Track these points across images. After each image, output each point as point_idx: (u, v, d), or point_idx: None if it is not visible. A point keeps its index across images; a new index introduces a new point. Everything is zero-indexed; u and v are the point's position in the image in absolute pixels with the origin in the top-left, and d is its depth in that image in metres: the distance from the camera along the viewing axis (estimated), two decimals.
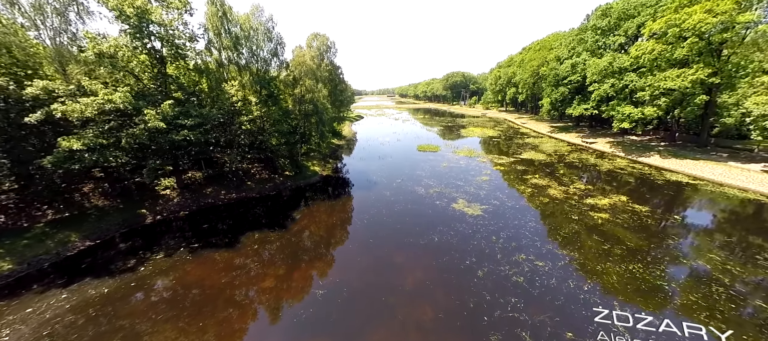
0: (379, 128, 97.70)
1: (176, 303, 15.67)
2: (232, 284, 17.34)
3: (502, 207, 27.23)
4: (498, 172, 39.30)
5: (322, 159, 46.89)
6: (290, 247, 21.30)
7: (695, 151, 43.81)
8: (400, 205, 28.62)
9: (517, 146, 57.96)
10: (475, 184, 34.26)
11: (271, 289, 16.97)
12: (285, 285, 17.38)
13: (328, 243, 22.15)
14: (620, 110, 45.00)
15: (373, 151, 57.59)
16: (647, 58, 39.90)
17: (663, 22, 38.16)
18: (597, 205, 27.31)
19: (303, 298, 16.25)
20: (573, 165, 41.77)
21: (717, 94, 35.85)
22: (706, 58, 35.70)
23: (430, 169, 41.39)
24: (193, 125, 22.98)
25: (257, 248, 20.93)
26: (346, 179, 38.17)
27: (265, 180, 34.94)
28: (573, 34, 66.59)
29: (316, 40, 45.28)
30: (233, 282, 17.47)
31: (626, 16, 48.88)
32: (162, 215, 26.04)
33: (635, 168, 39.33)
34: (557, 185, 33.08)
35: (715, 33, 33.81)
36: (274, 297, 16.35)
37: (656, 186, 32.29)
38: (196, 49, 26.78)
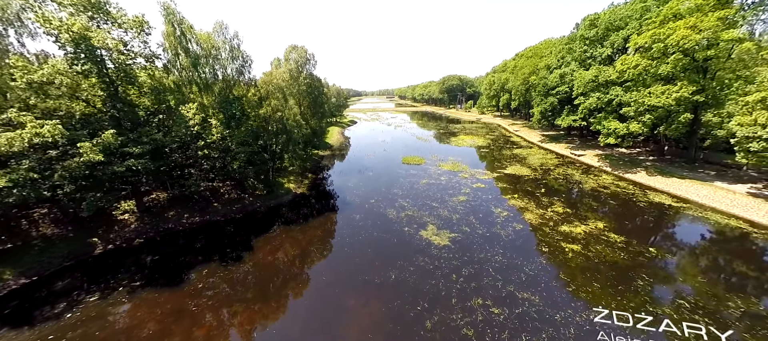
0: (370, 134, 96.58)
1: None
2: (165, 331, 16.18)
3: (471, 236, 26.02)
4: (477, 190, 38.08)
5: (300, 174, 45.76)
6: (238, 286, 20.10)
7: (683, 167, 42.57)
8: (367, 232, 27.45)
9: (504, 158, 56.75)
10: (451, 206, 33.06)
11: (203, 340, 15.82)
12: (221, 335, 16.22)
13: (279, 282, 20.90)
14: (606, 125, 43.79)
15: (357, 163, 56.50)
16: (632, 72, 38.71)
17: (647, 36, 36.97)
18: (571, 233, 26.09)
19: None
20: (556, 183, 40.52)
21: (702, 112, 34.61)
22: (691, 75, 34.49)
23: (409, 186, 40.21)
24: (143, 152, 21.84)
25: (202, 287, 19.76)
26: (319, 199, 36.97)
27: (233, 201, 33.80)
28: (563, 43, 65.45)
29: (295, 52, 44.17)
30: (167, 330, 16.32)
31: (613, 28, 47.70)
32: (115, 244, 24.91)
33: (619, 187, 38.08)
34: (535, 208, 31.86)
35: (699, 50, 32.60)
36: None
37: (637, 210, 31.03)
38: (155, 70, 25.72)
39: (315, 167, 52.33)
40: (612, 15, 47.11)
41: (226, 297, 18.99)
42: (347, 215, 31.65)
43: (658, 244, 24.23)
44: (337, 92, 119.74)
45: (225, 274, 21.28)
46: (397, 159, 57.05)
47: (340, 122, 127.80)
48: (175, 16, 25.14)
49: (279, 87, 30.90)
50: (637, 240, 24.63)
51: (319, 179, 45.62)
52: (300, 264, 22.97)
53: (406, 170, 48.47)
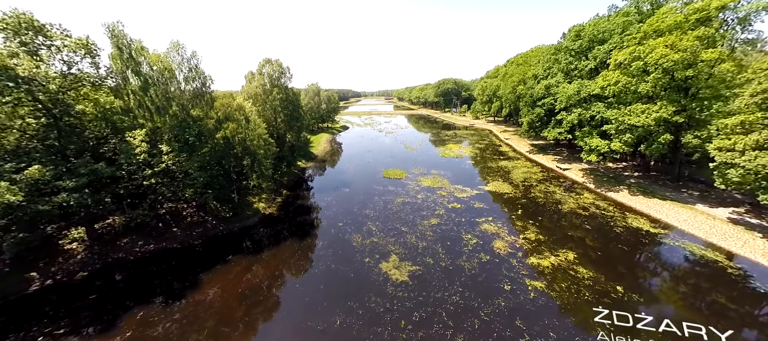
0: (359, 142, 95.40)
1: None
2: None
3: (432, 270, 24.74)
4: (452, 212, 36.79)
5: (274, 191, 44.48)
6: (170, 334, 18.79)
7: (666, 186, 41.31)
8: (324, 264, 26.17)
9: (488, 171, 55.47)
10: (420, 231, 31.78)
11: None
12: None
13: (213, 327, 19.49)
14: (588, 142, 42.53)
15: (336, 177, 55.23)
16: (612, 89, 37.48)
17: (627, 53, 35.74)
18: (539, 267, 24.82)
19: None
20: (534, 203, 39.19)
21: (683, 133, 33.36)
22: (671, 95, 33.24)
23: (383, 206, 38.94)
24: (78, 186, 20.57)
25: (130, 336, 18.49)
26: (285, 221, 35.53)
27: (195, 225, 32.52)
28: (550, 52, 64.20)
29: (269, 65, 42.92)
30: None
31: (597, 41, 46.48)
32: (55, 279, 23.62)
33: (599, 208, 36.78)
34: (507, 234, 30.58)
35: (678, 69, 31.36)
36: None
37: (613, 237, 29.74)
38: (101, 95, 24.49)
39: (293, 182, 51.09)
40: (595, 27, 45.88)
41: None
42: (310, 242, 30.36)
43: (627, 280, 22.92)
44: (327, 98, 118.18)
45: (161, 317, 19.97)
46: (378, 172, 55.77)
47: (331, 128, 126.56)
48: (122, 38, 23.91)
49: (240, 106, 29.60)
50: (605, 275, 23.33)
51: (293, 196, 44.32)
52: (243, 305, 21.55)
53: (384, 186, 47.19)
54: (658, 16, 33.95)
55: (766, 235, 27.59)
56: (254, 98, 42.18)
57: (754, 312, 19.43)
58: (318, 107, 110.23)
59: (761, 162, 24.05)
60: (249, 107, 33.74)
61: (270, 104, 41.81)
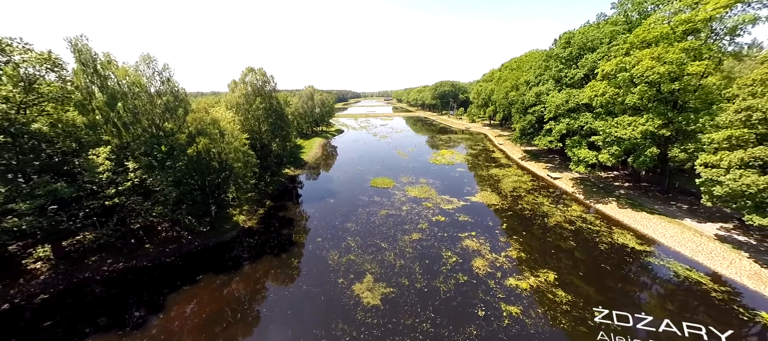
0: (351, 147, 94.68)
1: None
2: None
3: (407, 292, 23.90)
4: (435, 226, 35.96)
5: (257, 202, 43.63)
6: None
7: (656, 198, 40.51)
8: (297, 284, 25.37)
9: (478, 179, 54.68)
10: (400, 247, 30.96)
11: None
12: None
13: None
14: (576, 152, 41.72)
15: (323, 186, 54.35)
16: (599, 100, 36.70)
17: (614, 63, 35.00)
18: (516, 289, 23.99)
19: None
20: (520, 216, 38.34)
21: (669, 147, 32.57)
22: (658, 107, 32.46)
23: (366, 219, 38.11)
24: (32, 208, 19.75)
25: None
26: (263, 236, 34.53)
27: (169, 240, 31.68)
28: (542, 59, 63.45)
29: (251, 74, 42.12)
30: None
31: (586, 49, 45.72)
32: (12, 303, 22.79)
33: (585, 222, 35.94)
34: (488, 252, 29.76)
35: (665, 82, 30.58)
36: None
37: (597, 254, 28.91)
38: (62, 112, 23.70)
39: (278, 191, 50.22)
40: (584, 35, 45.11)
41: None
42: (285, 259, 29.52)
43: (606, 306, 22.05)
44: (321, 102, 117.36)
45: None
46: (366, 181, 54.94)
47: (326, 132, 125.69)
48: (86, 53, 23.11)
49: (214, 121, 28.76)
50: (584, 300, 22.47)
51: (277, 207, 43.44)
52: (204, 335, 20.64)
53: (370, 197, 46.36)
54: (645, 26, 33.20)
55: (752, 254, 26.81)
56: (236, 108, 41.41)
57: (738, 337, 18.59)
58: (311, 111, 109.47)
59: (746, 181, 23.25)
60: (228, 119, 32.95)
61: (252, 114, 41.01)
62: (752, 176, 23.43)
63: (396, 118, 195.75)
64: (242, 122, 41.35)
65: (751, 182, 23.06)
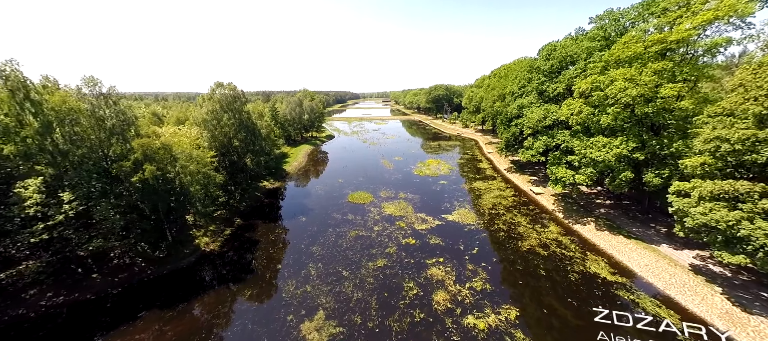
0: (339, 155, 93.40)
1: None
2: None
3: (356, 333, 22.44)
4: (404, 249, 34.58)
5: (225, 221, 42.18)
6: None
7: (635, 219, 39.18)
8: (242, 321, 23.95)
9: (458, 194, 53.23)
10: (362, 276, 29.57)
11: None
12: None
13: None
14: (554, 171, 40.39)
15: (298, 202, 52.61)
16: (575, 119, 35.41)
17: (589, 82, 33.72)
18: (474, 329, 22.60)
19: None
20: (494, 239, 36.91)
21: (644, 170, 31.25)
22: (633, 130, 31.17)
23: (333, 242, 36.69)
24: None
25: None
26: (223, 260, 33.03)
27: (121, 269, 30.22)
28: (526, 69, 62.18)
29: (220, 89, 40.75)
30: None
31: (566, 63, 44.43)
32: None
33: (560, 246, 34.58)
34: (452, 282, 28.38)
35: (639, 104, 29.27)
36: None
37: (566, 286, 27.47)
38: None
39: (251, 207, 48.59)
40: (564, 49, 43.82)
41: None
42: (238, 290, 28.08)
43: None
44: (310, 109, 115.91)
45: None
46: (344, 195, 53.55)
47: (316, 138, 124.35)
48: (15, 79, 21.74)
49: (165, 145, 27.31)
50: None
51: (245, 226, 41.91)
52: None
53: (343, 215, 44.96)
54: (619, 45, 31.90)
55: (726, 288, 25.47)
56: (203, 124, 40.03)
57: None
58: (299, 118, 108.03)
59: (715, 216, 21.92)
60: (192, 137, 31.49)
61: (220, 130, 39.64)
62: (722, 210, 22.13)
63: (390, 122, 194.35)
64: (210, 138, 39.98)
65: (720, 217, 21.74)
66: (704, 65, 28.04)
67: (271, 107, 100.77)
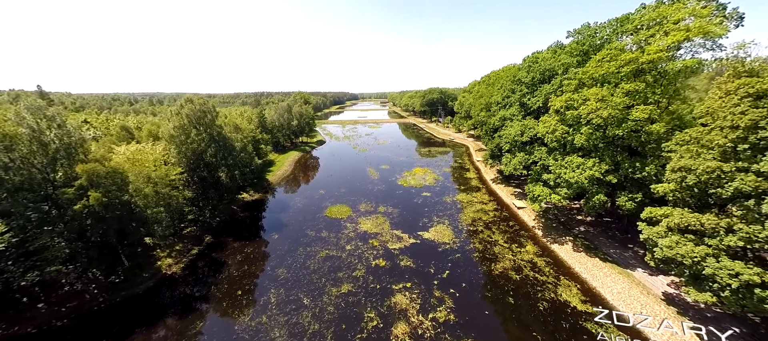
0: (327, 163, 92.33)
1: None
2: None
3: None
4: (373, 272, 33.36)
5: (194, 239, 40.91)
6: None
7: (614, 239, 38.07)
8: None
9: (439, 208, 51.97)
10: (323, 303, 28.34)
11: None
12: None
13: None
14: (532, 188, 39.27)
15: (273, 216, 51.17)
16: (550, 137, 34.32)
17: (563, 99, 32.64)
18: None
19: None
20: (467, 262, 35.64)
21: (617, 193, 30.15)
22: (606, 151, 30.07)
23: (301, 263, 35.45)
24: None
25: None
26: (182, 285, 31.67)
27: (70, 296, 28.86)
28: (511, 78, 61.09)
29: (188, 105, 39.44)
30: None
31: (546, 76, 43.35)
32: None
33: (535, 269, 33.42)
34: (415, 312, 27.17)
35: (611, 125, 28.19)
36: None
37: (531, 318, 26.25)
38: None
39: (224, 222, 47.13)
40: (544, 63, 42.77)
41: None
42: (190, 322, 26.68)
43: None
44: (299, 115, 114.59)
45: None
46: (322, 209, 52.29)
47: (306, 144, 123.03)
48: None
49: (114, 171, 26.05)
50: None
51: (213, 245, 40.51)
52: None
53: (317, 232, 43.69)
54: (594, 62, 30.83)
55: (697, 320, 24.22)
56: (170, 140, 38.77)
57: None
58: (288, 124, 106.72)
59: (680, 251, 20.80)
60: (155, 157, 30.23)
61: (188, 146, 38.37)
62: (688, 244, 21.03)
63: (384, 126, 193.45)
64: (177, 155, 38.73)
65: (685, 252, 20.63)
66: (678, 86, 26.94)
67: (258, 113, 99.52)
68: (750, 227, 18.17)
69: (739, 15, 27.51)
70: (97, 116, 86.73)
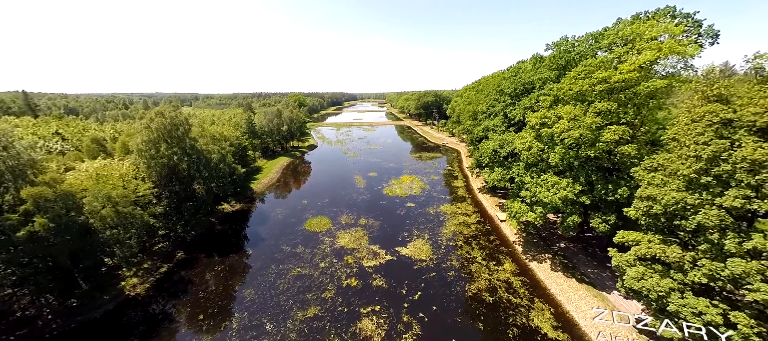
0: (316, 169, 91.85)
1: None
2: None
3: None
4: (344, 292, 32.39)
5: (164, 255, 39.85)
6: None
7: (593, 257, 37.18)
8: None
9: (421, 220, 50.97)
10: (286, 329, 27.35)
11: None
12: None
13: None
14: (510, 205, 38.36)
15: (251, 229, 50.10)
16: (526, 154, 33.43)
17: (538, 116, 31.74)
18: None
19: None
20: (441, 281, 34.62)
21: (591, 215, 29.32)
22: (581, 171, 29.18)
23: (271, 282, 34.46)
24: None
25: None
26: (144, 308, 30.64)
27: (21, 323, 27.77)
28: (496, 86, 60.21)
29: (159, 118, 38.36)
30: None
31: (527, 89, 42.47)
32: None
33: (509, 290, 32.46)
34: (382, 337, 26.26)
35: (584, 146, 27.31)
36: None
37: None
38: None
39: (199, 236, 46.01)
40: (523, 75, 41.91)
41: None
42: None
43: None
44: (289, 120, 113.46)
45: None
46: (302, 221, 51.26)
47: (297, 149, 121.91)
48: None
49: (67, 194, 25.01)
50: None
51: (184, 262, 39.37)
52: None
53: (293, 247, 42.66)
54: (568, 79, 29.95)
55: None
56: (139, 154, 37.74)
57: None
58: (277, 129, 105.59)
59: (646, 285, 19.92)
60: (121, 173, 29.08)
61: (157, 160, 37.37)
62: (655, 276, 20.14)
63: (379, 129, 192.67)
64: (147, 169, 37.70)
65: (651, 285, 19.74)
66: (651, 107, 26.06)
67: (247, 118, 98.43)
68: (713, 264, 17.29)
69: (714, 32, 26.75)
70: (75, 125, 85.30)
